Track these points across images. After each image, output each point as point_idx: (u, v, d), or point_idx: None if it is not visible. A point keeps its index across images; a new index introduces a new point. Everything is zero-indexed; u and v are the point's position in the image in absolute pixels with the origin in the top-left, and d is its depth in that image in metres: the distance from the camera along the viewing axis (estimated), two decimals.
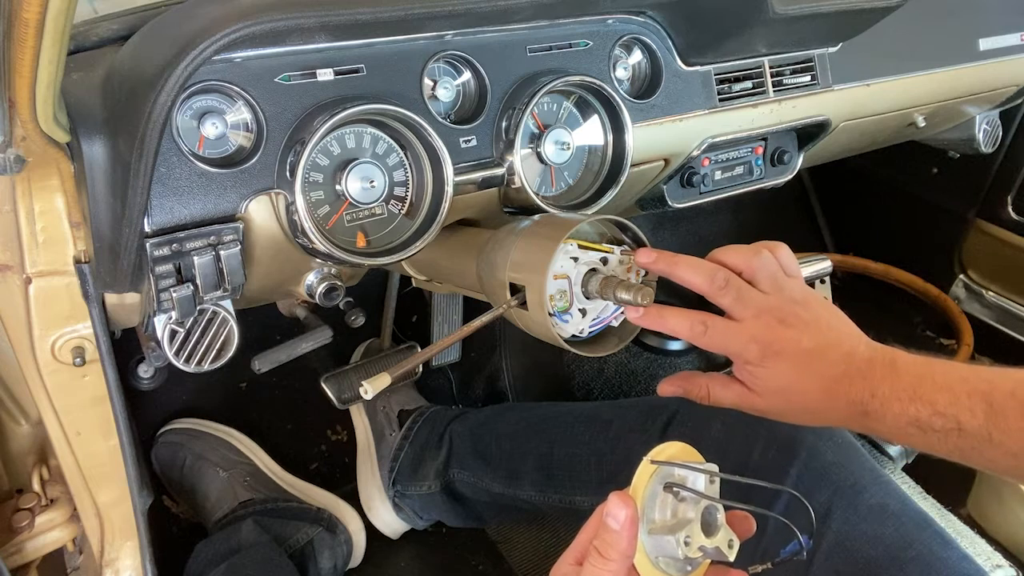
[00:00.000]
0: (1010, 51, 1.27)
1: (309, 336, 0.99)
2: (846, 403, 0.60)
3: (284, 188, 0.69)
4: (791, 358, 0.60)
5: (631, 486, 0.51)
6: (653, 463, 0.51)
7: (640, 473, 0.51)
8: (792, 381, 0.61)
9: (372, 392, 0.61)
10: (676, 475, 0.52)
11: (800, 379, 0.61)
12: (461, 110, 0.81)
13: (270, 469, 1.30)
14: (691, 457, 0.53)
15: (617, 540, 0.49)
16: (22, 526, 0.92)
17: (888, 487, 0.80)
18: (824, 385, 0.60)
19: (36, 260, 0.71)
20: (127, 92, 0.62)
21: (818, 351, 0.60)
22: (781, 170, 1.14)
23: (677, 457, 0.52)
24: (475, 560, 1.29)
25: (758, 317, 0.61)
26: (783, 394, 0.62)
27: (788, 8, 0.85)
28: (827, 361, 0.60)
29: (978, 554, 1.15)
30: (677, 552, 0.50)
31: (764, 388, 0.63)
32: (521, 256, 0.66)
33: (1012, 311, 1.67)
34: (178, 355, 0.77)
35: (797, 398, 0.62)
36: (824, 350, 0.60)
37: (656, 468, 0.51)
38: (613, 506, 0.49)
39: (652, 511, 0.51)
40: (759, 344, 0.61)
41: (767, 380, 0.62)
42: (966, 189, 1.68)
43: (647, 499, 0.51)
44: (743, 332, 0.62)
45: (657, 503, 0.51)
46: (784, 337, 0.61)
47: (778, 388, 0.62)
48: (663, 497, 0.51)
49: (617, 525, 0.49)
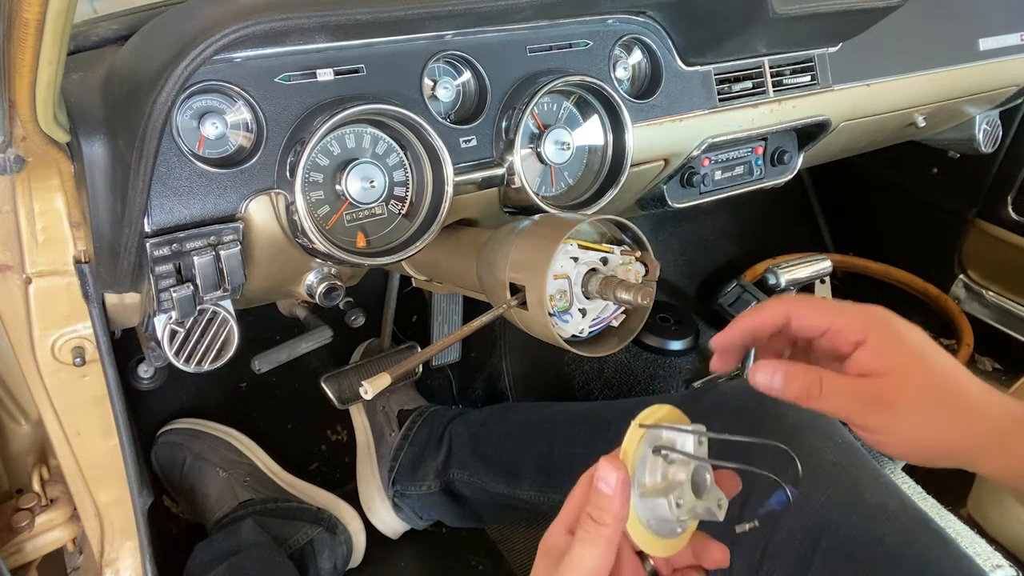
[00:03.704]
0: (1010, 51, 1.27)
1: (309, 336, 1.00)
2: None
3: (284, 188, 0.69)
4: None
5: (620, 450, 0.51)
6: (641, 427, 0.51)
7: (629, 437, 0.51)
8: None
9: (372, 392, 0.61)
10: (664, 438, 0.52)
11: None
12: (461, 110, 0.81)
13: (270, 469, 1.30)
14: (679, 419, 0.53)
15: (610, 504, 0.48)
16: (22, 526, 0.92)
17: (888, 487, 0.80)
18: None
19: (36, 260, 0.71)
20: (127, 92, 0.62)
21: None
22: (781, 170, 1.14)
23: (666, 420, 0.52)
24: (475, 560, 1.29)
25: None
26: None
27: (788, 8, 0.85)
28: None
29: (978, 554, 1.15)
30: (668, 514, 0.50)
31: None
32: (521, 256, 0.66)
33: (1012, 311, 1.67)
34: (178, 355, 0.77)
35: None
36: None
37: (645, 432, 0.51)
38: (604, 470, 0.49)
39: (643, 475, 0.51)
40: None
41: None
42: (966, 189, 1.68)
43: (637, 463, 0.51)
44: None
45: (647, 466, 0.51)
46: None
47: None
48: (653, 460, 0.51)
49: (609, 489, 0.48)
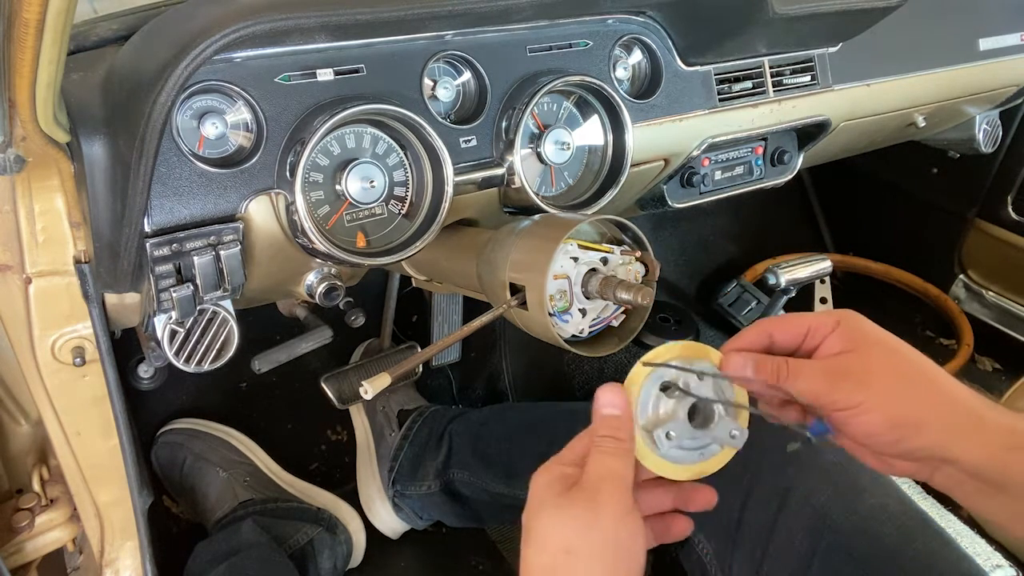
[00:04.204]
0: (1010, 51, 1.27)
1: (309, 336, 1.00)
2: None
3: (284, 188, 0.69)
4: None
5: (624, 383, 0.55)
6: (646, 365, 0.55)
7: (633, 373, 0.55)
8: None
9: (372, 392, 0.61)
10: (670, 375, 0.56)
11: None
12: (461, 110, 0.81)
13: (270, 469, 1.30)
14: (696, 353, 0.56)
15: (622, 423, 0.53)
16: (22, 526, 0.92)
17: (888, 487, 0.80)
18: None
19: (36, 260, 0.71)
20: (127, 92, 0.62)
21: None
22: (781, 170, 1.14)
23: (681, 356, 0.56)
24: (475, 560, 1.28)
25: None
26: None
27: (788, 8, 0.85)
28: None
29: (978, 554, 1.15)
30: (665, 443, 0.54)
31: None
32: (521, 256, 0.66)
33: (1012, 311, 1.67)
34: (178, 355, 0.77)
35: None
36: None
37: (651, 370, 0.55)
38: (607, 396, 0.53)
39: (645, 409, 0.55)
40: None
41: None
42: (966, 189, 1.68)
43: (643, 397, 0.55)
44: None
45: (651, 401, 0.55)
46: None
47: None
48: (657, 396, 0.55)
49: (618, 411, 0.53)
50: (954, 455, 0.51)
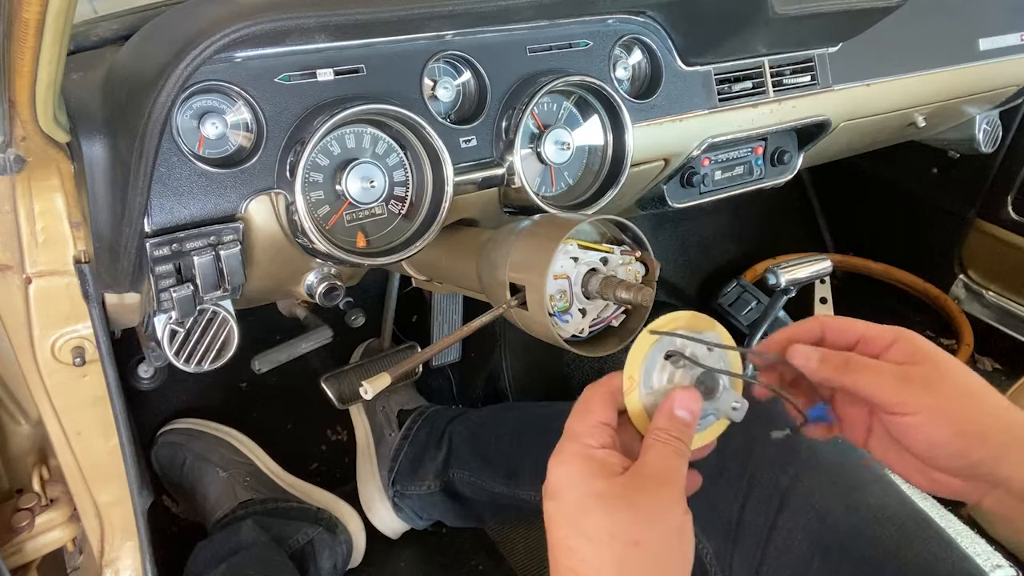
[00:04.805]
0: (1010, 51, 1.27)
1: (309, 336, 1.00)
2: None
3: (284, 188, 0.69)
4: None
5: (630, 352, 0.55)
6: (652, 333, 0.55)
7: (639, 341, 0.55)
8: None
9: (372, 392, 0.61)
10: (677, 344, 0.56)
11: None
12: (461, 110, 0.81)
13: (270, 469, 1.30)
14: (700, 324, 0.56)
15: (690, 429, 0.54)
16: (22, 526, 0.92)
17: (888, 487, 0.80)
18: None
19: (36, 260, 0.71)
20: (127, 92, 0.62)
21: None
22: (781, 170, 1.14)
23: (687, 326, 0.56)
24: (475, 560, 1.28)
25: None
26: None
27: (788, 8, 0.85)
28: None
29: (978, 554, 1.15)
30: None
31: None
32: (521, 256, 0.66)
33: (1012, 311, 1.67)
34: (178, 355, 0.77)
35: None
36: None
37: (657, 338, 0.55)
38: (686, 399, 0.54)
39: (650, 377, 0.55)
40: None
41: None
42: (966, 189, 1.68)
43: (646, 366, 0.55)
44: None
45: (656, 369, 0.56)
46: None
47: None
48: (662, 364, 0.56)
49: (690, 417, 0.54)
50: (1006, 473, 0.51)
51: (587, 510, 0.50)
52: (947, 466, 0.53)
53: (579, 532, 0.50)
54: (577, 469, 0.52)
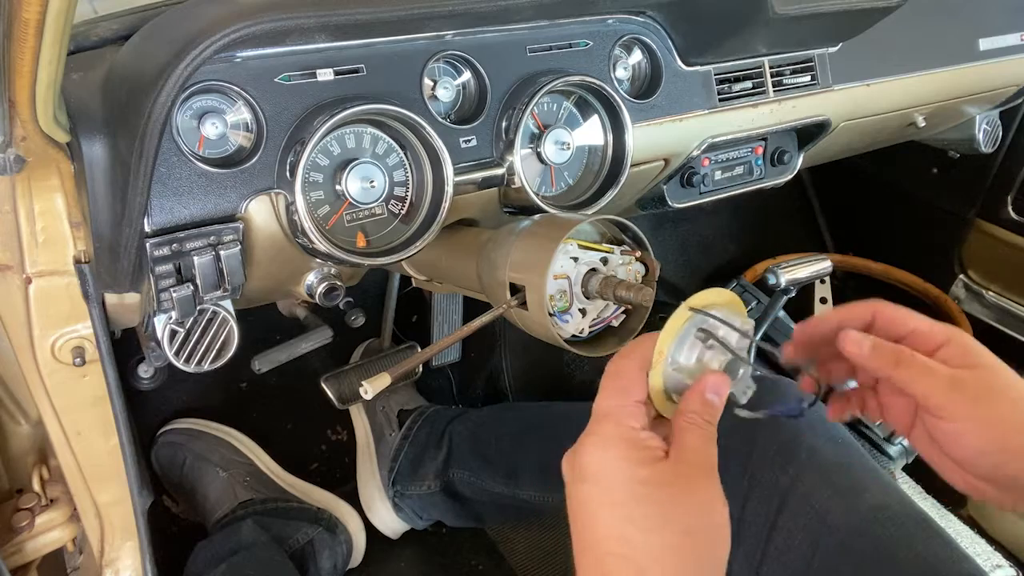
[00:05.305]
0: (1010, 51, 1.27)
1: (309, 336, 1.00)
2: None
3: (284, 188, 0.69)
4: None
5: (666, 325, 0.53)
6: (691, 310, 0.54)
7: (675, 316, 0.54)
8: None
9: (372, 392, 0.61)
10: (711, 323, 0.54)
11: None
12: (461, 110, 0.81)
13: (270, 469, 1.30)
14: (738, 308, 0.55)
15: (719, 411, 0.52)
16: (22, 526, 0.92)
17: (888, 487, 0.80)
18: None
19: (36, 260, 0.71)
20: (127, 92, 0.62)
21: None
22: (781, 170, 1.14)
23: (724, 307, 0.55)
24: (475, 560, 1.29)
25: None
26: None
27: (788, 8, 0.85)
28: None
29: (978, 554, 1.15)
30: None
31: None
32: (521, 256, 0.66)
33: (1012, 311, 1.67)
34: (178, 355, 0.77)
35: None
36: None
37: (692, 314, 0.54)
38: (716, 385, 0.52)
39: (679, 353, 0.54)
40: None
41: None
42: (966, 189, 1.68)
43: (677, 340, 0.54)
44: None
45: (686, 346, 0.54)
46: None
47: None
48: (692, 341, 0.54)
49: (720, 401, 0.52)
50: None
51: (636, 497, 0.48)
52: (985, 475, 0.52)
53: (629, 519, 0.48)
54: (621, 453, 0.50)
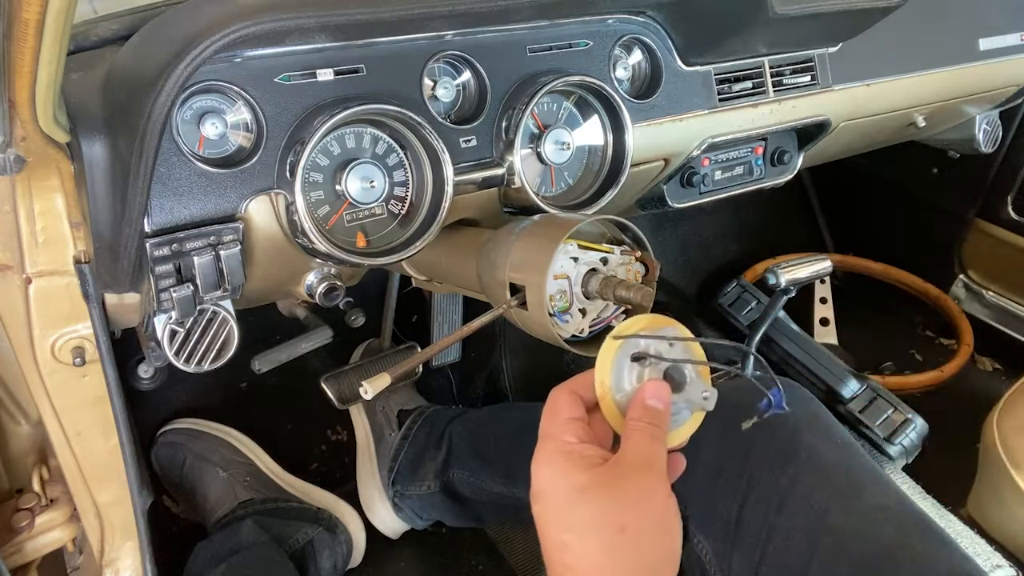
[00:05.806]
0: (1010, 51, 1.27)
1: (309, 336, 1.00)
2: None
3: (284, 188, 0.69)
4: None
5: (598, 358, 0.57)
6: (615, 339, 0.57)
7: (604, 349, 0.57)
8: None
9: (372, 392, 0.61)
10: (642, 345, 0.57)
11: None
12: (461, 110, 0.81)
13: (270, 469, 1.30)
14: (660, 323, 0.58)
15: (665, 415, 0.55)
16: (22, 526, 0.92)
17: (888, 487, 0.80)
18: None
19: (36, 260, 0.71)
20: (127, 92, 0.62)
21: None
22: (781, 170, 1.14)
23: (647, 327, 0.58)
24: (475, 560, 1.28)
25: None
26: None
27: (788, 8, 0.85)
28: None
29: (978, 554, 1.15)
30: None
31: None
32: (521, 256, 0.66)
33: (1012, 311, 1.67)
34: (178, 355, 0.77)
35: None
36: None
37: (621, 343, 0.57)
38: (656, 389, 0.55)
39: (621, 381, 0.57)
40: None
41: None
42: (966, 189, 1.68)
43: (615, 370, 0.57)
44: None
45: (625, 372, 0.57)
46: None
47: None
48: (629, 366, 0.57)
49: (662, 405, 0.55)
50: None
51: (572, 503, 0.51)
52: None
53: (566, 527, 0.51)
54: (558, 467, 0.53)
